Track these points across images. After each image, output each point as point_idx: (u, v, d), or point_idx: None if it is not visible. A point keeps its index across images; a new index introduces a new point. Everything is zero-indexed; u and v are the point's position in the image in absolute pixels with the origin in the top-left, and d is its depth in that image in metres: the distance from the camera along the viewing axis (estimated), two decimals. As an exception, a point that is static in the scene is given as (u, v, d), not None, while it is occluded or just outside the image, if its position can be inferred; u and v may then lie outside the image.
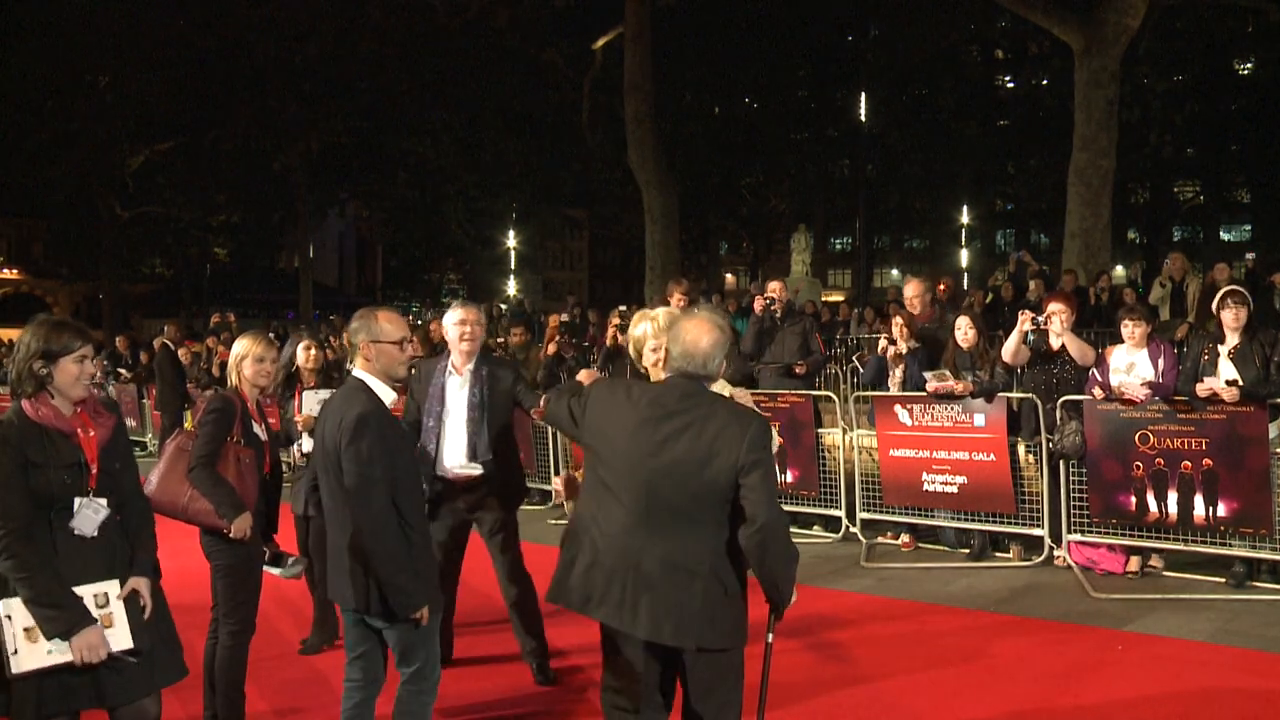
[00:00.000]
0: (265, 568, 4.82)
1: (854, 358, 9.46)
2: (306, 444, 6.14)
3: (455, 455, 5.42)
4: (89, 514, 3.48)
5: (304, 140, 33.34)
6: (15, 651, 3.28)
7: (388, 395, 3.90)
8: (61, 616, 3.31)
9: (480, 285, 50.71)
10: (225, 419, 4.71)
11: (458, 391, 5.46)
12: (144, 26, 29.84)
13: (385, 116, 34.81)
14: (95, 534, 3.50)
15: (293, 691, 5.48)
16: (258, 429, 4.85)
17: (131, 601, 3.55)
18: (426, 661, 3.90)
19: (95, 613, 3.41)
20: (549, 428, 10.44)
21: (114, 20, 29.70)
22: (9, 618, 3.29)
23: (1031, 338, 7.73)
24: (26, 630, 3.29)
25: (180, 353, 16.13)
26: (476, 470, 5.42)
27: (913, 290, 8.98)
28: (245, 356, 4.89)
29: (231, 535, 4.57)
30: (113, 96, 32.10)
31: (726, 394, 3.92)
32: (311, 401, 6.25)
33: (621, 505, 3.38)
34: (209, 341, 17.37)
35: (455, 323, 5.41)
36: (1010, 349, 7.75)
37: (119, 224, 37.79)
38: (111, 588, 3.49)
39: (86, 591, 3.42)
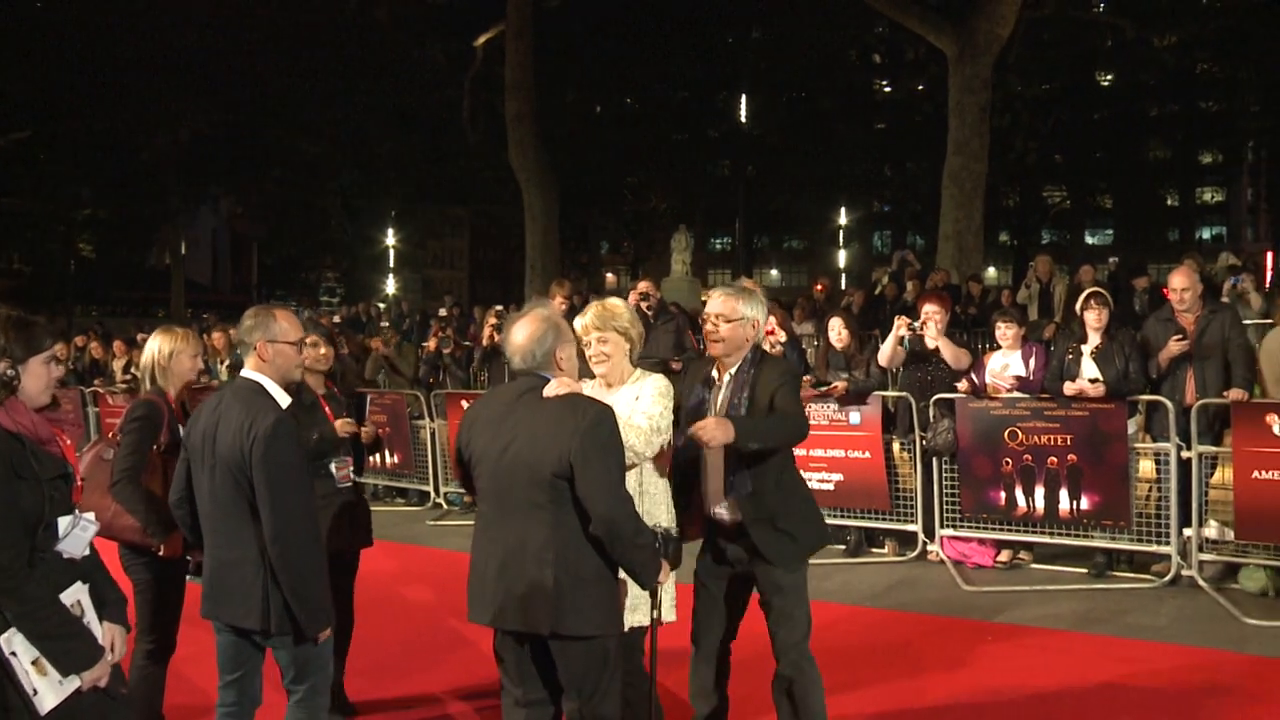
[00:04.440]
0: (190, 578, 4.31)
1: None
2: None
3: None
4: (79, 534, 3.05)
5: (173, 130, 32.26)
6: (35, 692, 2.89)
7: (283, 399, 3.65)
8: (78, 649, 2.97)
9: (359, 284, 49.68)
10: (150, 426, 4.34)
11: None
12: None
13: (260, 109, 33.89)
14: (85, 554, 3.10)
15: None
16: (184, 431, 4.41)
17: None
18: (321, 680, 3.69)
19: None
20: (426, 429, 10.31)
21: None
22: (15, 654, 2.88)
23: (907, 343, 7.84)
24: (34, 664, 2.90)
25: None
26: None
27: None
28: (179, 353, 4.49)
29: (162, 555, 4.25)
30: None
31: (585, 388, 3.81)
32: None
33: (486, 504, 3.47)
34: (77, 340, 16.76)
35: None
36: (886, 353, 7.85)
37: (-30, 217, 36.14)
38: (82, 594, 3.10)
39: (64, 601, 3.04)
